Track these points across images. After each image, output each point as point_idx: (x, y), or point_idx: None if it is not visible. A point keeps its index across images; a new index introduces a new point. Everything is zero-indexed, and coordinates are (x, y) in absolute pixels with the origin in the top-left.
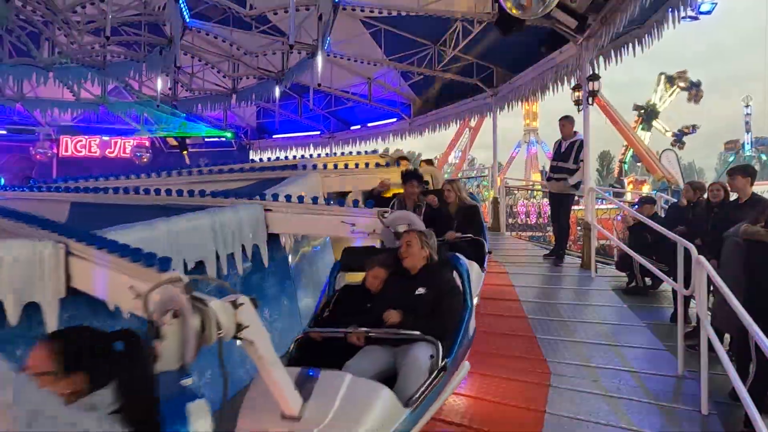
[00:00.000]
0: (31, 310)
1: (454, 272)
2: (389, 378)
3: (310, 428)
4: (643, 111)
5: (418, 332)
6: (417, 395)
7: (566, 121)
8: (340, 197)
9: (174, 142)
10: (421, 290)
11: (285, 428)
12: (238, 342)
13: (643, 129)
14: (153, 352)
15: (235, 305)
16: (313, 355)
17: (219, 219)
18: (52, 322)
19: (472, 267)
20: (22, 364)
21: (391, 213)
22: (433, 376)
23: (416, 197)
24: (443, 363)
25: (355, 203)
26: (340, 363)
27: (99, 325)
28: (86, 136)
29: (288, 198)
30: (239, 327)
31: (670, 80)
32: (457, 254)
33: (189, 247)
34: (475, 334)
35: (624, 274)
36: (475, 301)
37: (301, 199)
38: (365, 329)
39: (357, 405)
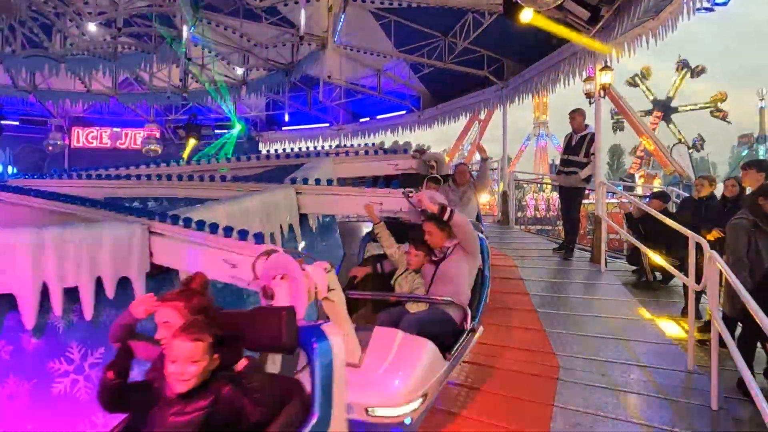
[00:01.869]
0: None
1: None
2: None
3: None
4: (660, 106)
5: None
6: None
7: (577, 114)
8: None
9: (184, 133)
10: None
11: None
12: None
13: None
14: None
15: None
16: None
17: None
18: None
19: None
20: None
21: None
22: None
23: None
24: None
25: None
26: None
27: None
28: (97, 128)
29: (318, 182)
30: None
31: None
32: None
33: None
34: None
35: (636, 267)
36: None
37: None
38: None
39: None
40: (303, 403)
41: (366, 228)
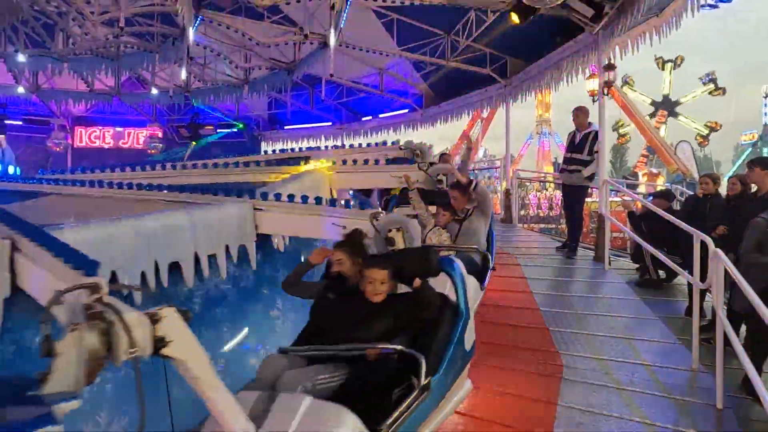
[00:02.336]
0: None
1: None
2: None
3: None
4: (661, 105)
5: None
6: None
7: (580, 112)
8: (364, 195)
9: (186, 133)
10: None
11: None
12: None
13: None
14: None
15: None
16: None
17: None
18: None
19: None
20: None
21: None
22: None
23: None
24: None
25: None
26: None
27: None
28: (100, 127)
29: (278, 196)
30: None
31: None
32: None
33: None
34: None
35: (638, 265)
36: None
37: (291, 198)
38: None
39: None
40: (451, 307)
41: None
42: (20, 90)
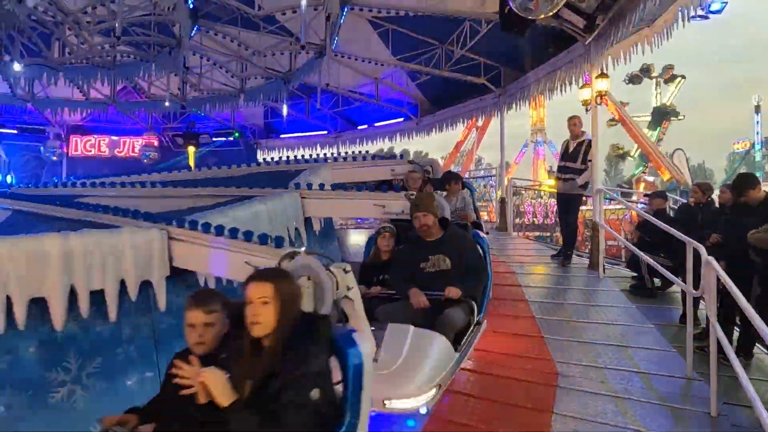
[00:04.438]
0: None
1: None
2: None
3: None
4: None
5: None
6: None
7: (576, 121)
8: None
9: (182, 141)
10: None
11: None
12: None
13: (648, 128)
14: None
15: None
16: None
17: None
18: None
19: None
20: None
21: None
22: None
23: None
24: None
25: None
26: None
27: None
28: (95, 136)
29: (321, 186)
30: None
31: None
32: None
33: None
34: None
35: (634, 273)
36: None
37: (334, 186)
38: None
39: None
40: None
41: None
42: (16, 98)
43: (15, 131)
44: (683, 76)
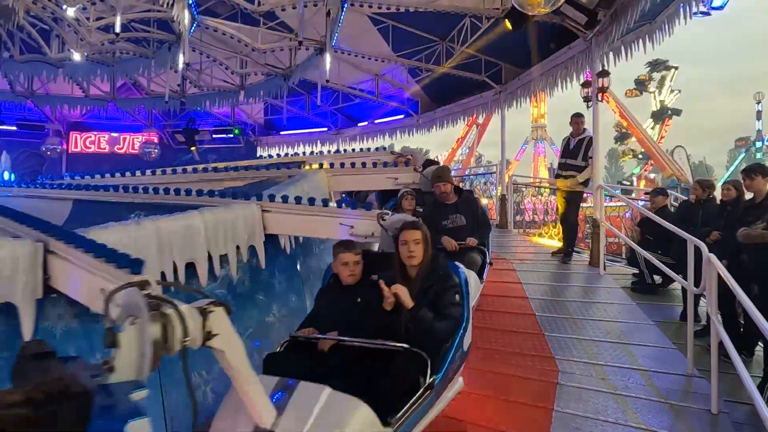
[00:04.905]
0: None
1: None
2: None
3: None
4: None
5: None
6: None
7: (578, 119)
8: (354, 198)
9: (181, 138)
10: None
11: None
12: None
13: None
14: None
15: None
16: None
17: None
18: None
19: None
20: None
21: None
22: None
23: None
24: (431, 380)
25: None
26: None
27: (80, 327)
28: (95, 132)
29: (285, 199)
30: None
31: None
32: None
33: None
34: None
35: (635, 270)
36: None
37: (298, 199)
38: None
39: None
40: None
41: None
42: (15, 94)
43: (14, 128)
44: (676, 67)
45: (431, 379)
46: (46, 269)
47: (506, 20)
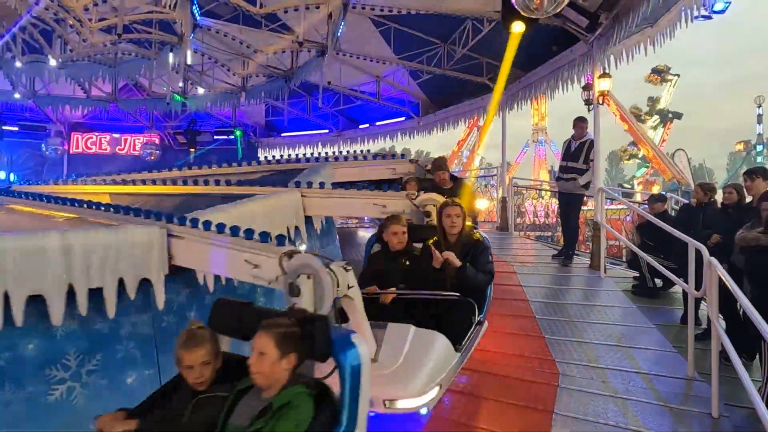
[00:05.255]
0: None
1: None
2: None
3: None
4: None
5: (457, 294)
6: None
7: (582, 123)
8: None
9: (183, 140)
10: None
11: None
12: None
13: (652, 128)
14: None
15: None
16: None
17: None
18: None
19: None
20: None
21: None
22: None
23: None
24: (479, 318)
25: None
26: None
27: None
28: (97, 133)
29: (322, 185)
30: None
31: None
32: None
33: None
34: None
35: (635, 273)
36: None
37: (335, 185)
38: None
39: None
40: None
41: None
42: (16, 96)
43: (16, 128)
44: (677, 75)
45: (479, 318)
46: (169, 250)
47: (509, 23)
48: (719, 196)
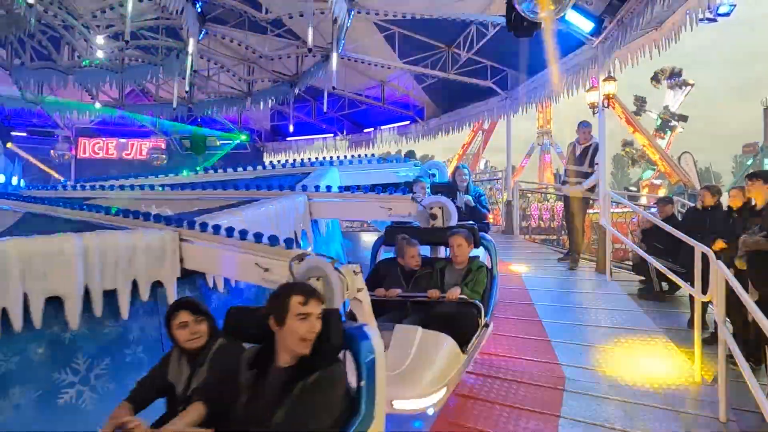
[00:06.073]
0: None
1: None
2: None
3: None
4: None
5: (464, 296)
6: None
7: (586, 128)
8: None
9: (189, 145)
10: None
11: None
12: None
13: (658, 130)
14: None
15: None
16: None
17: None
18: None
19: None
20: None
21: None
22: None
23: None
24: (485, 321)
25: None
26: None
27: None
28: (103, 138)
29: (329, 188)
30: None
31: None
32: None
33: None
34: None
35: (641, 277)
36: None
37: (341, 188)
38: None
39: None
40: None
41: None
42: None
43: (25, 134)
44: (692, 84)
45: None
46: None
47: (513, 27)
48: (725, 200)
